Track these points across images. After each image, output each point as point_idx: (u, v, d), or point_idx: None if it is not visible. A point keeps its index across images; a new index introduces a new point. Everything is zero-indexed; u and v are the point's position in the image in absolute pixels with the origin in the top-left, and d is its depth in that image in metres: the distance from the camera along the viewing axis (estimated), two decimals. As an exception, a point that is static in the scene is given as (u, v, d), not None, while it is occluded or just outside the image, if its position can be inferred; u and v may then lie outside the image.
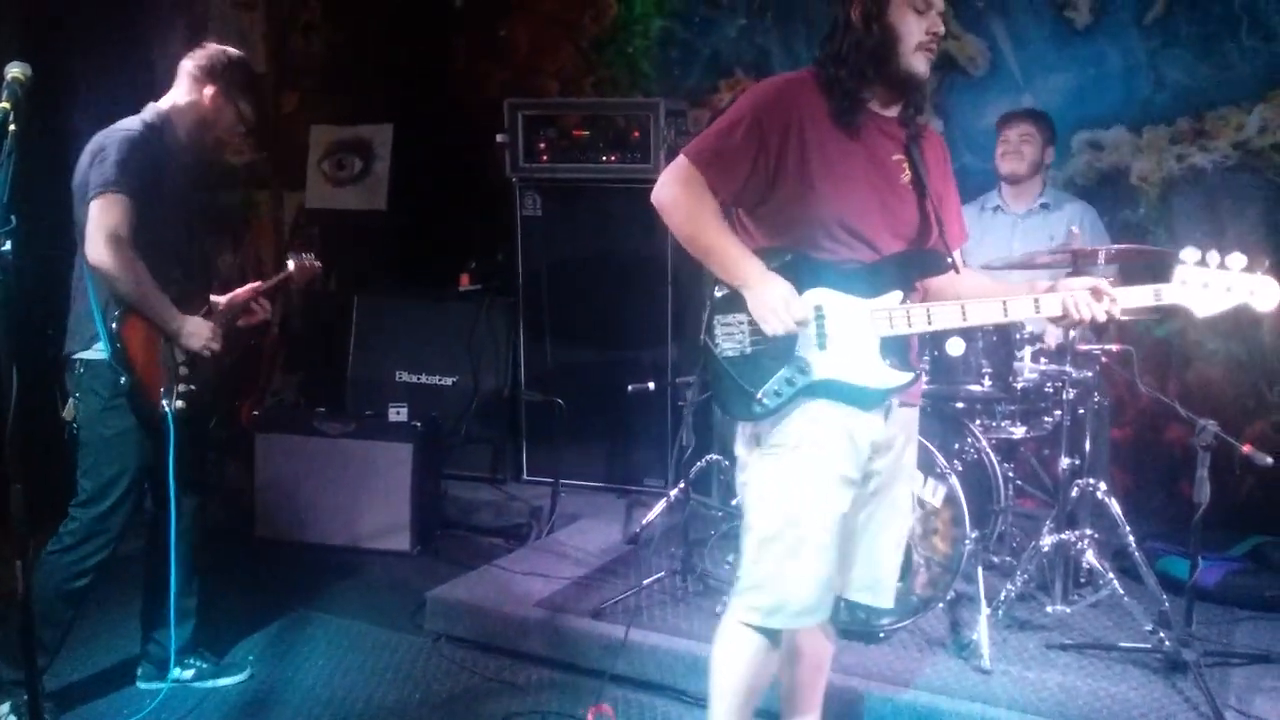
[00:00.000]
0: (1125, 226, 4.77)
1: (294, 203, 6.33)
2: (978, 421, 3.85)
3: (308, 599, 4.28)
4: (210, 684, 3.54)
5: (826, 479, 2.43)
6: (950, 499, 3.44)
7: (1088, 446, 3.70)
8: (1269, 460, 3.25)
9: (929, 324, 2.46)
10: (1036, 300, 2.45)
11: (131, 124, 3.17)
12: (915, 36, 2.40)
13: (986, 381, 3.73)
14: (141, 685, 3.52)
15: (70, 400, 3.21)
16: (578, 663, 3.65)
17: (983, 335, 3.73)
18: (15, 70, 2.26)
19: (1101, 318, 2.42)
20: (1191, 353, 4.82)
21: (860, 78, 2.43)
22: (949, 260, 2.53)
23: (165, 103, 3.29)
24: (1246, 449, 3.29)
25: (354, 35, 6.19)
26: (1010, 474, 3.92)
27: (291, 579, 4.48)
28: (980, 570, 3.54)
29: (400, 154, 6.11)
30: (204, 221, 3.47)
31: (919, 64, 2.43)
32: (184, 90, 3.30)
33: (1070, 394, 3.66)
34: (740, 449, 2.58)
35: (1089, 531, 3.62)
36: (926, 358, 3.68)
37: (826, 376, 2.42)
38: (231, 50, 3.38)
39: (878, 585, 2.63)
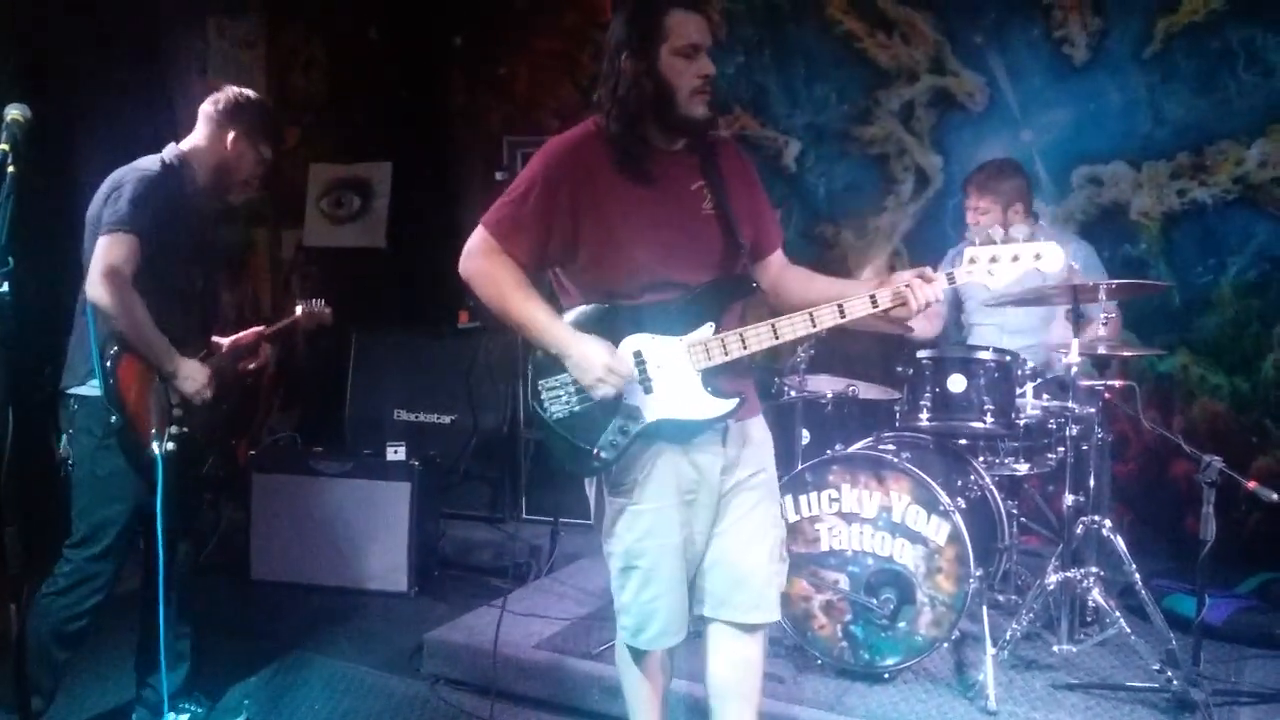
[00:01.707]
0: (1126, 261, 4.77)
1: (292, 240, 6.34)
2: (981, 458, 3.83)
3: (304, 641, 4.22)
4: (204, 728, 3.49)
5: (669, 512, 2.52)
6: (954, 537, 3.41)
7: (1092, 483, 3.67)
8: (1274, 496, 3.22)
9: (744, 348, 2.50)
10: (873, 295, 2.48)
11: (150, 164, 3.16)
12: (689, 83, 2.44)
13: (989, 418, 3.70)
14: (136, 729, 3.47)
15: (64, 437, 3.18)
16: (578, 705, 3.60)
17: (984, 371, 3.71)
18: (14, 112, 2.26)
19: (934, 299, 2.46)
20: (1196, 388, 4.80)
21: (639, 128, 2.48)
22: (754, 284, 2.58)
23: (186, 144, 3.28)
24: (1251, 485, 3.26)
25: (354, 73, 6.23)
26: (1014, 511, 3.89)
27: (288, 620, 4.44)
28: (985, 609, 3.50)
29: (399, 192, 6.13)
30: (217, 263, 3.45)
31: (696, 109, 2.46)
32: (204, 134, 3.29)
33: (1073, 430, 3.63)
34: (588, 491, 2.66)
35: (1095, 569, 3.58)
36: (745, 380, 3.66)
37: (658, 418, 2.49)
38: (249, 92, 3.38)
39: (749, 600, 2.61)
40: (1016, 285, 2.68)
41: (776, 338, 2.51)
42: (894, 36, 5.20)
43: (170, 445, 3.14)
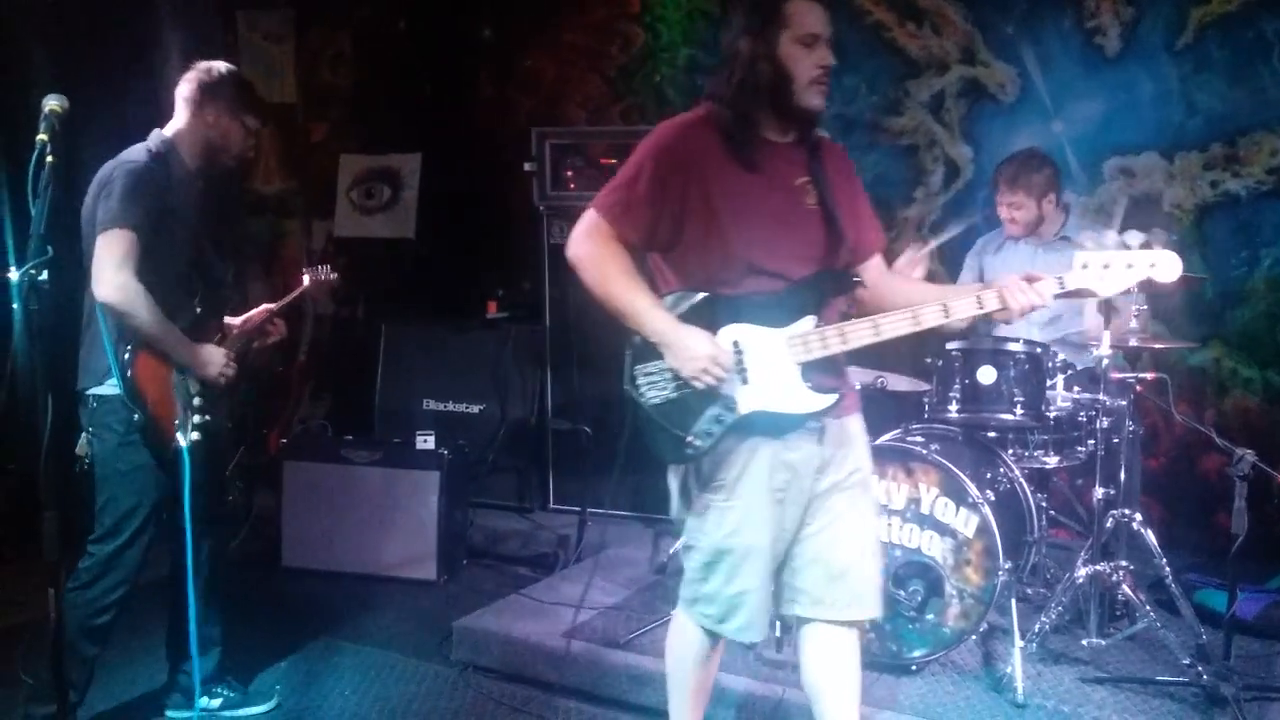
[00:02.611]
0: (1158, 254, 4.72)
1: (323, 231, 6.38)
2: (1010, 450, 3.81)
3: (334, 627, 4.27)
4: (238, 713, 3.53)
5: (762, 508, 2.50)
6: (983, 529, 3.40)
7: (1122, 476, 3.65)
8: (1308, 491, 3.20)
9: (844, 344, 2.49)
10: (979, 296, 2.48)
11: (137, 155, 3.13)
12: (807, 73, 2.44)
13: (1019, 410, 3.69)
14: (170, 715, 3.51)
15: (84, 436, 3.18)
16: (606, 693, 3.61)
17: (1014, 363, 3.70)
18: (53, 103, 2.29)
19: (1039, 303, 2.45)
20: (1228, 381, 4.76)
21: (754, 116, 2.49)
22: (855, 278, 2.60)
23: (169, 130, 3.25)
24: (1285, 479, 3.24)
25: (382, 66, 6.26)
26: (1044, 504, 3.88)
27: (318, 607, 4.48)
28: (1014, 602, 3.49)
29: (428, 183, 6.16)
30: (227, 245, 3.44)
31: (812, 98, 2.46)
32: (185, 117, 3.25)
33: (1104, 423, 3.62)
34: (673, 486, 2.64)
35: (1124, 563, 3.56)
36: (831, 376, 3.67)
37: (753, 409, 2.47)
38: (222, 65, 3.32)
39: (845, 596, 2.59)
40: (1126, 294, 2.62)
41: (878, 334, 2.49)
42: (924, 27, 5.17)
43: (195, 435, 3.14)
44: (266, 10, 6.27)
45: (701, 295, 2.49)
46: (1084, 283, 2.51)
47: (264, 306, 3.56)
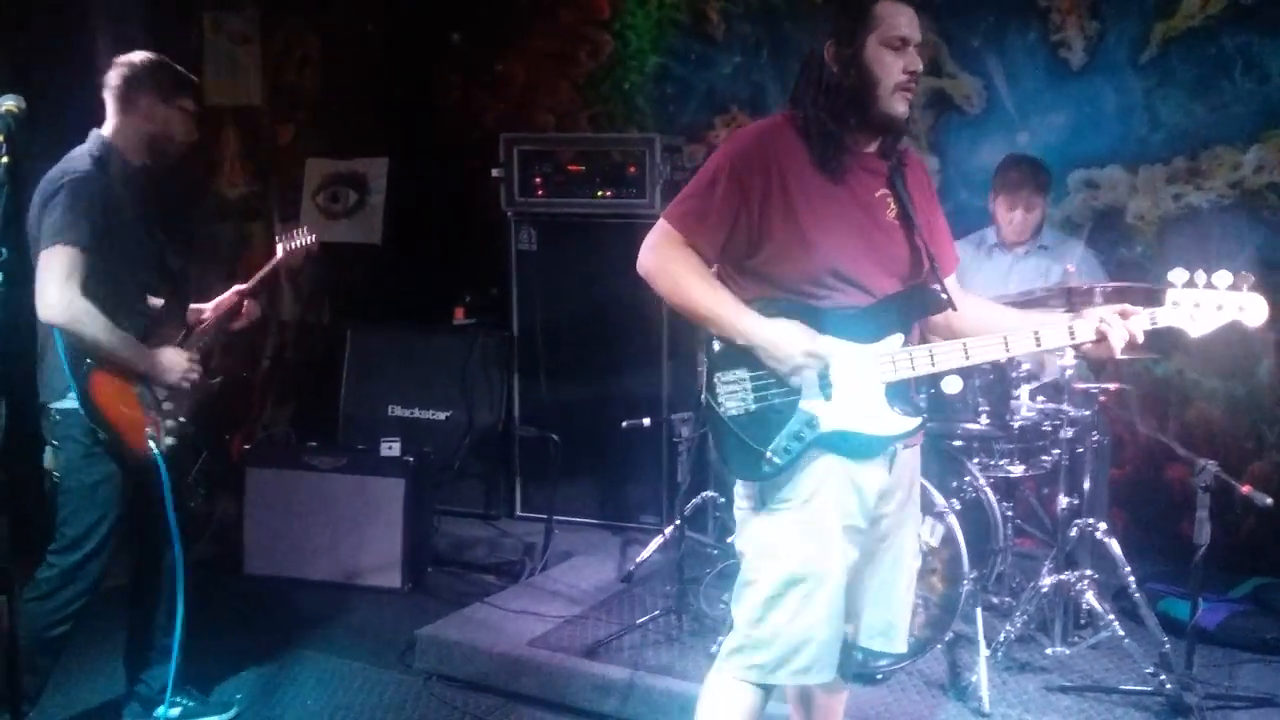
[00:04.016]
0: (1121, 265, 4.77)
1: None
2: (976, 460, 3.83)
3: (297, 636, 4.22)
4: (197, 723, 3.48)
5: (834, 533, 2.36)
6: (948, 538, 3.42)
7: (1087, 486, 3.68)
8: (1269, 501, 3.23)
9: (932, 365, 2.39)
10: (1071, 327, 2.39)
11: (80, 162, 3.03)
12: (893, 77, 2.33)
13: (984, 419, 3.71)
14: (127, 724, 3.46)
15: (48, 448, 3.12)
16: (570, 703, 3.60)
17: (979, 373, 3.71)
18: (9, 103, 2.24)
19: (1140, 337, 2.40)
20: (1191, 392, 4.81)
21: (839, 122, 2.37)
22: (945, 297, 2.47)
23: (107, 130, 3.15)
24: (1246, 489, 3.26)
25: (349, 69, 6.21)
26: (1009, 513, 3.89)
27: (281, 615, 4.44)
28: (979, 611, 3.50)
29: (395, 187, 6.11)
30: (180, 239, 3.34)
31: (898, 105, 2.36)
32: (118, 113, 3.15)
33: (1068, 432, 3.64)
34: (741, 506, 2.49)
35: (1089, 572, 3.60)
36: (923, 395, 3.66)
37: (834, 428, 2.35)
38: (146, 54, 3.20)
39: (890, 630, 2.55)
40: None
41: (967, 358, 2.39)
42: (892, 38, 5.20)
43: (170, 440, 3.11)
44: (233, 11, 6.20)
45: (784, 303, 2.35)
46: (1175, 321, 2.44)
47: (234, 290, 3.46)
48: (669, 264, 2.37)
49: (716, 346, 2.39)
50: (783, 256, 2.36)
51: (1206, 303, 2.43)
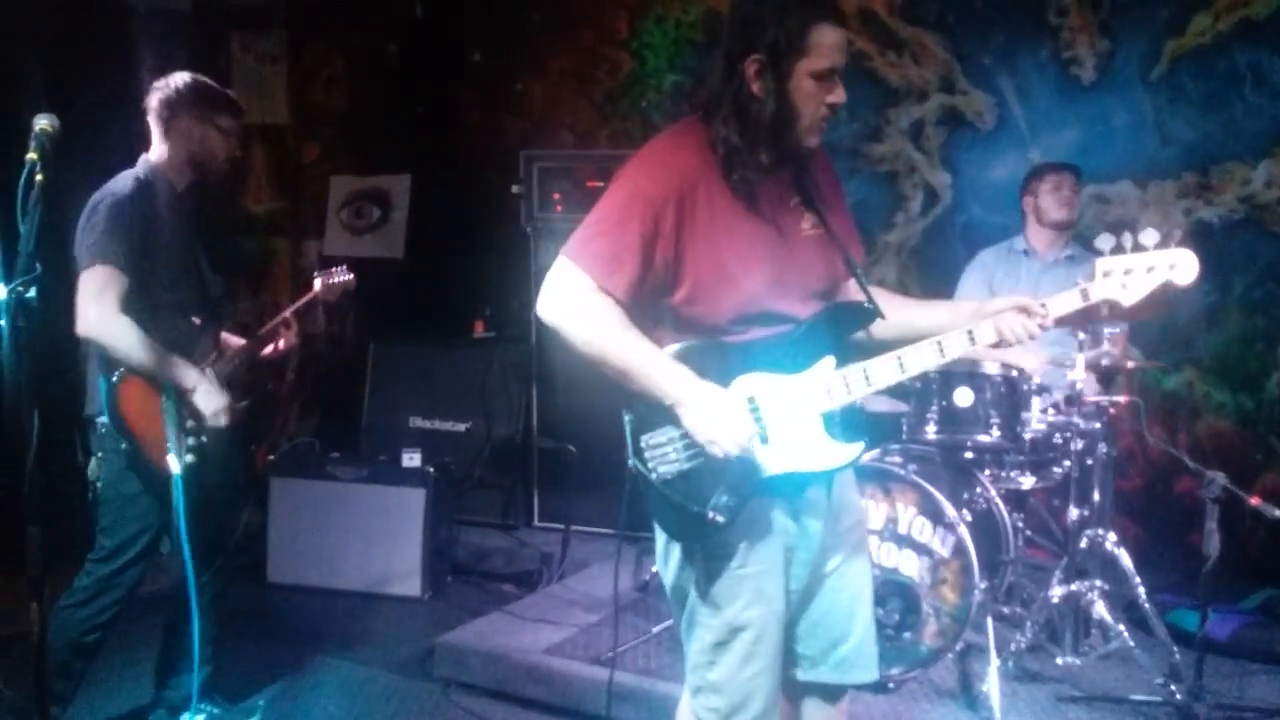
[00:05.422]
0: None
1: (313, 250, 6.43)
2: (987, 471, 3.87)
3: (319, 644, 4.28)
4: (221, 728, 3.54)
5: (774, 577, 2.23)
6: (959, 549, 3.45)
7: (1096, 497, 3.71)
8: (1278, 513, 3.25)
9: (868, 385, 2.23)
10: (970, 332, 2.25)
11: (124, 185, 3.10)
12: (816, 112, 2.16)
13: (995, 431, 3.75)
14: (154, 729, 3.52)
15: (93, 459, 3.19)
16: (588, 710, 3.63)
17: (990, 386, 3.76)
18: (43, 122, 2.32)
19: (1036, 333, 2.27)
20: (1200, 405, 4.84)
21: (751, 149, 2.17)
22: (870, 307, 2.28)
23: (153, 154, 3.23)
24: (1255, 501, 3.29)
25: (374, 89, 6.32)
26: (1019, 524, 3.93)
27: (303, 623, 4.50)
28: (990, 621, 3.53)
29: (418, 204, 6.22)
30: (219, 261, 3.43)
31: (813, 139, 2.20)
32: (161, 136, 3.22)
33: (1078, 444, 3.68)
34: (671, 557, 2.31)
35: (1099, 583, 3.62)
36: (861, 413, 3.62)
37: (776, 472, 2.18)
38: (180, 76, 3.25)
39: (847, 658, 2.37)
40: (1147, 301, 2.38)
41: (903, 370, 2.23)
42: (904, 56, 5.26)
43: (190, 457, 3.13)
44: (260, 32, 6.33)
45: (708, 343, 2.17)
46: (1107, 293, 2.31)
47: (281, 316, 3.54)
48: (579, 311, 2.16)
49: (640, 406, 2.20)
50: (702, 296, 2.17)
51: (1137, 267, 2.31)
